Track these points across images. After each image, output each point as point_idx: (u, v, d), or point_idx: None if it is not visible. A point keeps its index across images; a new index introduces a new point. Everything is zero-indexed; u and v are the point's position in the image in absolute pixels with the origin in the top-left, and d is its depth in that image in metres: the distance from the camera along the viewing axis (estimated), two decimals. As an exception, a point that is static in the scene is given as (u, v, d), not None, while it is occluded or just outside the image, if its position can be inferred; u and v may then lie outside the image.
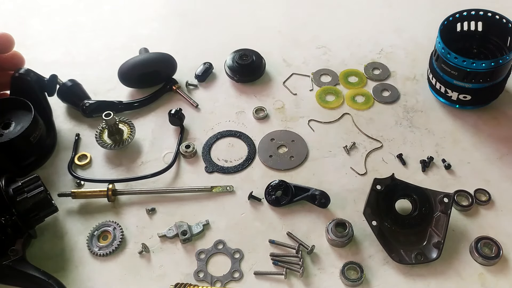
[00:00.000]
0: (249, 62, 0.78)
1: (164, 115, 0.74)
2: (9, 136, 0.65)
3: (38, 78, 0.72)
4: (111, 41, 0.88)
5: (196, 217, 0.64)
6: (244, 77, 0.79)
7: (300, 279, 0.59)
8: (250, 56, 0.79)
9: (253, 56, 0.79)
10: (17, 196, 0.59)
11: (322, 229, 0.62)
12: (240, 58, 0.78)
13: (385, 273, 0.59)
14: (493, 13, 0.70)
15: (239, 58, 0.79)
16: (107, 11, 0.94)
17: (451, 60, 0.66)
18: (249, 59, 0.79)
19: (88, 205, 0.67)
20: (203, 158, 0.71)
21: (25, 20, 0.93)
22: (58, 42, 0.88)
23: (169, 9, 0.94)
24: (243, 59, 0.78)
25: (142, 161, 0.71)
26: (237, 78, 0.79)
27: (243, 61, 0.78)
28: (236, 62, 0.78)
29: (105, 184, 0.66)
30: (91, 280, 0.60)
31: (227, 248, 0.62)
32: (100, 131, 0.71)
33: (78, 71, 0.81)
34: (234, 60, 0.79)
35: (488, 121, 0.72)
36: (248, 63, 0.78)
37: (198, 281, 0.59)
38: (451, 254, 0.60)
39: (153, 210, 0.65)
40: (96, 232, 0.63)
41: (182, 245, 0.62)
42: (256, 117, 0.75)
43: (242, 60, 0.78)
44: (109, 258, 0.62)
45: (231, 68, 0.79)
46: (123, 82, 0.77)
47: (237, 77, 0.78)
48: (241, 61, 0.78)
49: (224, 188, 0.67)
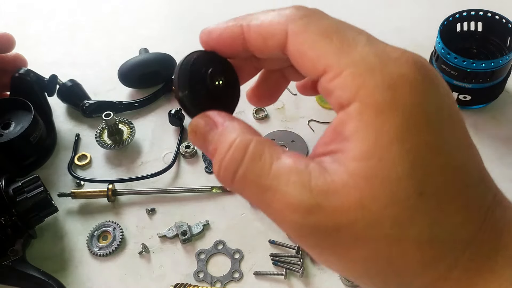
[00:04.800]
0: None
1: (164, 115, 0.74)
2: (9, 136, 0.65)
3: (38, 78, 0.72)
4: (111, 41, 0.88)
5: (196, 217, 0.64)
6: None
7: (300, 279, 0.59)
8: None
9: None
10: (17, 196, 0.59)
11: (322, 229, 0.62)
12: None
13: (385, 273, 0.59)
14: (493, 13, 0.70)
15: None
16: (107, 11, 0.94)
17: (451, 60, 0.66)
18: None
19: (88, 205, 0.67)
20: (203, 158, 0.71)
21: (25, 20, 0.93)
22: (58, 42, 0.88)
23: (169, 9, 0.94)
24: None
25: (142, 161, 0.71)
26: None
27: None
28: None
29: (105, 184, 0.66)
30: (91, 280, 0.60)
31: (227, 248, 0.62)
32: (100, 131, 0.71)
33: (78, 71, 0.81)
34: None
35: (488, 121, 0.72)
36: None
37: (198, 282, 0.59)
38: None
39: (153, 210, 0.65)
40: (96, 232, 0.63)
41: (182, 245, 0.62)
42: (256, 117, 0.75)
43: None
44: (109, 258, 0.62)
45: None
46: (123, 82, 0.77)
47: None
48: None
49: (224, 188, 0.67)
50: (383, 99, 0.29)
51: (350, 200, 0.28)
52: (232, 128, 0.32)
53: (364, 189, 0.28)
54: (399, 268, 0.31)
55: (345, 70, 0.29)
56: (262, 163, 0.30)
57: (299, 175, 0.29)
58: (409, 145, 0.28)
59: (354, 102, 0.29)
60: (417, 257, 0.30)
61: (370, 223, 0.29)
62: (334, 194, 0.29)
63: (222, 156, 0.31)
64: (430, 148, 0.29)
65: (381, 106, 0.28)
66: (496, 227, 0.31)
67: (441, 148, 0.30)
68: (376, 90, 0.29)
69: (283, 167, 0.30)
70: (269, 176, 0.30)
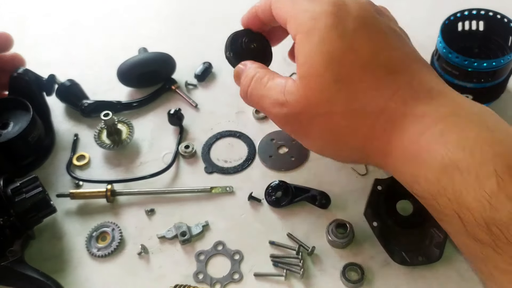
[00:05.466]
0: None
1: (163, 115, 0.74)
2: (7, 136, 0.65)
3: (36, 78, 0.72)
4: (110, 41, 0.87)
5: (196, 218, 0.64)
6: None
7: (300, 280, 0.59)
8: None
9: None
10: (16, 197, 0.58)
11: (322, 230, 0.62)
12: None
13: (386, 274, 0.59)
14: (494, 13, 0.70)
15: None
16: (106, 10, 0.94)
17: (453, 60, 0.66)
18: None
19: (87, 206, 0.66)
20: (203, 158, 0.70)
21: (24, 20, 0.93)
22: (57, 42, 0.88)
23: (169, 9, 0.94)
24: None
25: (141, 161, 0.71)
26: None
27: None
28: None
29: (104, 184, 0.66)
30: (90, 281, 0.60)
31: (227, 249, 0.61)
32: (99, 131, 0.71)
33: (77, 71, 0.80)
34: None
35: (489, 121, 0.72)
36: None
37: (197, 283, 0.59)
38: (453, 255, 0.59)
39: (152, 211, 0.65)
40: (94, 233, 0.63)
41: (181, 246, 0.62)
42: (256, 117, 0.74)
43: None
44: (107, 259, 0.61)
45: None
46: (122, 82, 0.77)
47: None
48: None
49: (224, 189, 0.66)
50: (309, 27, 0.48)
51: (300, 95, 0.48)
52: (250, 68, 0.55)
53: (305, 86, 0.48)
54: (339, 135, 0.49)
55: (292, 17, 0.50)
56: (262, 83, 0.52)
57: (280, 86, 0.50)
58: (326, 51, 0.46)
59: (297, 35, 0.49)
60: (344, 125, 0.47)
61: (312, 106, 0.48)
62: (293, 93, 0.49)
63: (243, 84, 0.54)
64: (341, 51, 0.46)
65: (308, 32, 0.48)
66: (406, 101, 0.45)
67: (351, 50, 0.46)
68: (306, 23, 0.49)
69: (273, 83, 0.51)
70: (265, 89, 0.52)
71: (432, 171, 0.43)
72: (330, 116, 0.47)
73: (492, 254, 0.39)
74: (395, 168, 0.47)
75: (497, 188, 0.39)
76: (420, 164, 0.44)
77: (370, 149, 0.48)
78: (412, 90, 0.46)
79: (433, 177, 0.42)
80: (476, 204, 0.39)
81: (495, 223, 0.39)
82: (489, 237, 0.39)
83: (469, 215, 0.40)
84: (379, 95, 0.46)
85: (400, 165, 0.46)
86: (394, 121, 0.45)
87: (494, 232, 0.39)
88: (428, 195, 0.44)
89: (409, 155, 0.45)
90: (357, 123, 0.47)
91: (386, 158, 0.47)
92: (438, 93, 0.46)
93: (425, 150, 0.43)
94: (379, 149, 0.47)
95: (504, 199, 0.39)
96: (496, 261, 0.40)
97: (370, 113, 0.46)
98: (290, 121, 0.51)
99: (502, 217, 0.38)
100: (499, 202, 0.39)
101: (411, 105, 0.45)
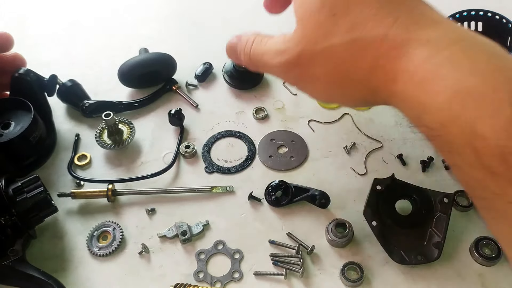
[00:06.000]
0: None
1: (164, 115, 0.74)
2: (9, 136, 0.65)
3: (37, 78, 0.72)
4: (110, 41, 0.88)
5: (196, 217, 0.64)
6: (243, 84, 0.78)
7: (300, 279, 0.59)
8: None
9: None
10: (17, 197, 0.59)
11: (322, 230, 0.62)
12: (239, 65, 0.73)
13: (385, 274, 0.59)
14: (493, 13, 0.70)
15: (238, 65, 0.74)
16: (107, 11, 0.94)
17: (451, 60, 0.66)
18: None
19: (88, 206, 0.66)
20: (203, 158, 0.71)
21: (24, 20, 0.93)
22: (58, 42, 0.88)
23: (169, 9, 0.94)
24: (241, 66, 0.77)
25: (142, 161, 0.71)
26: (234, 84, 0.78)
27: (242, 68, 0.75)
28: (234, 68, 0.77)
29: (105, 184, 0.66)
30: (91, 280, 0.60)
31: (227, 248, 0.62)
32: (100, 131, 0.71)
33: (78, 71, 0.80)
34: (232, 66, 0.77)
35: (488, 121, 0.72)
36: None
37: (198, 282, 0.59)
38: (451, 255, 0.60)
39: (152, 211, 0.65)
40: (95, 232, 0.63)
41: (182, 246, 0.62)
42: (256, 117, 0.75)
43: (240, 67, 0.76)
44: (108, 259, 0.62)
45: (230, 76, 0.78)
46: (123, 82, 0.77)
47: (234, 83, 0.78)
48: (240, 67, 0.76)
49: (224, 188, 0.67)
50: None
51: (298, 36, 0.48)
52: (248, 34, 0.56)
53: (303, 27, 0.48)
54: (344, 71, 0.47)
55: None
56: (263, 43, 0.53)
57: (280, 38, 0.51)
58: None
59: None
60: (347, 57, 0.46)
61: (312, 44, 0.47)
62: (293, 38, 0.49)
63: (243, 48, 0.55)
64: None
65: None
66: (408, 28, 0.43)
67: None
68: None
69: (273, 40, 0.52)
70: (266, 46, 0.52)
71: (443, 97, 0.40)
72: (330, 50, 0.46)
73: (507, 187, 0.37)
74: (403, 97, 0.44)
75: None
76: (430, 90, 0.41)
77: (376, 81, 0.45)
78: (413, 18, 0.44)
79: (444, 103, 0.39)
80: (491, 132, 0.37)
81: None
82: (504, 168, 0.36)
83: (484, 144, 0.37)
84: (379, 24, 0.44)
85: (409, 93, 0.43)
86: (398, 47, 0.43)
87: (510, 162, 0.36)
88: (438, 125, 0.40)
89: (417, 81, 0.42)
90: (360, 54, 0.45)
91: (394, 87, 0.44)
92: (441, 21, 0.44)
93: (434, 75, 0.40)
94: (386, 79, 0.44)
95: None
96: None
97: (371, 41, 0.44)
98: (292, 67, 0.49)
99: None
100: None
101: (414, 31, 0.43)
